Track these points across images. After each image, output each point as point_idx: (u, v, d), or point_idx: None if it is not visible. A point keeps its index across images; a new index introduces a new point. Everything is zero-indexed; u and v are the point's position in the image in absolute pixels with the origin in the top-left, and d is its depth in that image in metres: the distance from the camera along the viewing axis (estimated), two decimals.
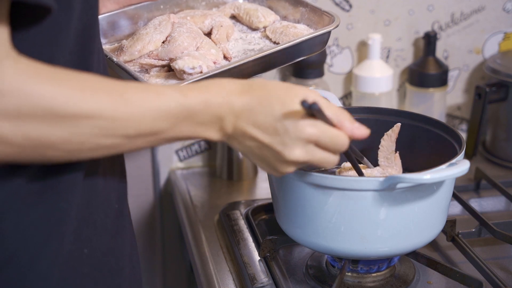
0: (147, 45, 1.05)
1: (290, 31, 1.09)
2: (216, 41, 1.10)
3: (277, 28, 1.11)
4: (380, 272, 1.06)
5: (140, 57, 1.05)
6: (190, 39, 1.05)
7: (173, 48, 1.04)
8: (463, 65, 1.55)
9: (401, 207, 0.94)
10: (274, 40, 1.11)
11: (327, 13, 1.11)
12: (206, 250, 1.19)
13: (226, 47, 1.08)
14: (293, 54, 1.07)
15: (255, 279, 1.06)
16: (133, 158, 1.49)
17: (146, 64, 1.05)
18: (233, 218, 1.24)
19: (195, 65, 0.98)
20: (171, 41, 1.05)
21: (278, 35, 1.10)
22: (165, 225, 1.54)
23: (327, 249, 0.99)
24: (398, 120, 1.12)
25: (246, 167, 1.43)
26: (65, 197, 0.80)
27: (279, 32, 1.10)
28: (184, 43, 1.04)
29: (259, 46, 1.12)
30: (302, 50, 1.07)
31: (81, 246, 0.82)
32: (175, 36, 1.05)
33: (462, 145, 1.00)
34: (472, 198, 1.33)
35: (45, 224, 0.78)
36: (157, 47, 1.05)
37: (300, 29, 1.10)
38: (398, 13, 1.49)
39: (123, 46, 1.06)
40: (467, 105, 1.57)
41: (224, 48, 1.08)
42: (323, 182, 0.94)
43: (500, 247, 1.17)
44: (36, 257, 0.77)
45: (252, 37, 1.14)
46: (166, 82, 1.01)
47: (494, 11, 1.52)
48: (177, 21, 1.09)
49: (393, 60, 1.52)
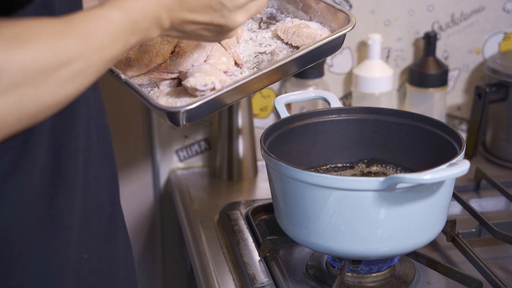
0: (155, 58, 1.01)
1: (303, 31, 1.04)
2: (226, 45, 1.06)
3: (289, 28, 1.07)
4: (380, 272, 1.06)
5: (148, 71, 1.02)
6: (199, 49, 1.02)
7: (182, 60, 1.01)
8: (463, 65, 1.55)
9: (401, 207, 0.94)
10: (286, 41, 1.07)
11: (342, 11, 1.05)
12: (206, 250, 1.19)
13: (237, 52, 1.05)
14: (307, 60, 1.02)
15: (255, 279, 1.06)
16: (133, 158, 1.50)
17: (155, 78, 1.02)
18: (233, 218, 1.24)
19: (207, 82, 0.94)
20: (179, 52, 1.02)
21: (290, 35, 1.06)
22: (165, 225, 1.54)
23: (327, 249, 0.99)
24: (398, 120, 1.12)
25: (246, 167, 1.43)
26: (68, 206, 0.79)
27: (291, 33, 1.06)
28: (194, 55, 1.01)
29: (271, 48, 1.08)
30: (317, 55, 1.02)
31: (81, 251, 0.82)
32: (183, 47, 1.02)
33: (462, 145, 1.00)
34: (472, 198, 1.33)
35: (53, 235, 0.78)
36: (165, 59, 1.02)
37: (313, 28, 1.05)
38: (398, 13, 1.49)
39: (130, 59, 1.02)
40: (467, 105, 1.57)
41: (235, 53, 1.05)
42: (323, 182, 0.94)
43: (500, 247, 1.17)
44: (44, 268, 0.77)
45: (263, 37, 1.10)
46: (178, 99, 0.97)
47: (494, 11, 1.52)
48: None
49: (393, 60, 1.52)
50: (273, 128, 1.09)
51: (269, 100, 1.49)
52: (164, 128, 1.47)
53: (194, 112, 0.94)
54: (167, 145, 1.48)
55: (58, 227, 0.78)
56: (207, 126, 1.49)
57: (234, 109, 1.40)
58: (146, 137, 1.49)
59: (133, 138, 1.49)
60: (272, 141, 1.07)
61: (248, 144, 1.42)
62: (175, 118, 0.93)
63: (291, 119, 1.12)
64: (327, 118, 1.15)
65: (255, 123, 1.45)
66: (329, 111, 1.15)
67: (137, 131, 1.48)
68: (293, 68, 1.01)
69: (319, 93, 1.19)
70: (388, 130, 1.14)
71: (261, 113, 1.50)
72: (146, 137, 1.49)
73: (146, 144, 1.49)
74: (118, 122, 1.47)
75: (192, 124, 1.11)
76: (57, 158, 0.78)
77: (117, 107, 1.46)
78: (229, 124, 1.41)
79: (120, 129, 1.47)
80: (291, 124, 1.12)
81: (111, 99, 1.45)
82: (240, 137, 1.41)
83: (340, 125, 1.15)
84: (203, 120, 1.48)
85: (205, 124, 1.48)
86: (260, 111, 1.50)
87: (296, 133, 1.13)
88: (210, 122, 1.48)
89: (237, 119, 1.40)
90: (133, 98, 1.46)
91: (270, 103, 1.50)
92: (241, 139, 1.42)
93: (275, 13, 1.15)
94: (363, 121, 1.15)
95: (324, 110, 1.15)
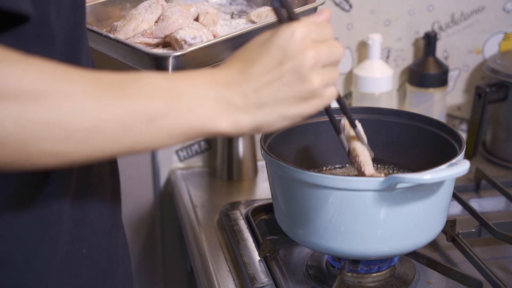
0: (140, 23, 1.04)
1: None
2: (204, 24, 1.09)
3: (262, 12, 1.10)
4: (380, 272, 1.06)
5: (134, 36, 1.04)
6: (183, 17, 1.04)
7: (167, 25, 1.03)
8: (463, 65, 1.55)
9: (401, 207, 0.94)
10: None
11: None
12: (206, 250, 1.19)
13: (215, 30, 1.08)
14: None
15: (255, 279, 1.06)
16: (133, 158, 1.49)
17: (140, 43, 1.03)
18: (233, 218, 1.24)
19: (196, 34, 0.96)
20: (164, 19, 1.04)
21: (263, 18, 1.09)
22: (165, 225, 1.54)
23: (327, 249, 0.99)
24: (398, 120, 1.12)
25: (246, 167, 1.43)
26: (57, 198, 0.79)
27: (265, 15, 1.09)
28: (179, 20, 1.03)
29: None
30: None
31: (79, 246, 0.82)
32: (168, 15, 1.05)
33: (462, 145, 1.00)
34: (472, 198, 1.33)
35: (38, 225, 0.77)
36: (150, 26, 1.04)
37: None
38: (398, 13, 1.49)
39: (116, 26, 1.05)
40: (467, 105, 1.57)
41: (213, 30, 1.07)
42: (323, 182, 0.94)
43: (500, 247, 1.17)
44: (31, 258, 0.77)
45: (237, 23, 1.13)
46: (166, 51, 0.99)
47: (494, 11, 1.52)
48: (165, 4, 1.09)
49: (393, 60, 1.52)
50: None
51: None
52: None
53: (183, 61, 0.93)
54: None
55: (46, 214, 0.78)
56: None
57: None
58: None
59: None
60: (272, 141, 1.07)
61: (248, 144, 1.42)
62: (164, 65, 0.93)
63: None
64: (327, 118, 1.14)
65: None
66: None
67: None
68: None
69: None
70: (388, 130, 1.14)
71: None
72: None
73: None
74: None
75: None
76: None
77: None
78: None
79: None
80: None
81: None
82: (240, 137, 1.41)
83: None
84: None
85: None
86: None
87: (296, 133, 1.13)
88: None
89: None
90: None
91: None
92: (241, 139, 1.42)
93: (245, 9, 1.18)
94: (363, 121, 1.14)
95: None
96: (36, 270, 0.77)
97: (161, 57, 0.93)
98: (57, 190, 0.79)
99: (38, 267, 0.78)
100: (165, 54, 0.93)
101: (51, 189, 0.78)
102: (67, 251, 0.81)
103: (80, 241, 0.82)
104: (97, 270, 0.85)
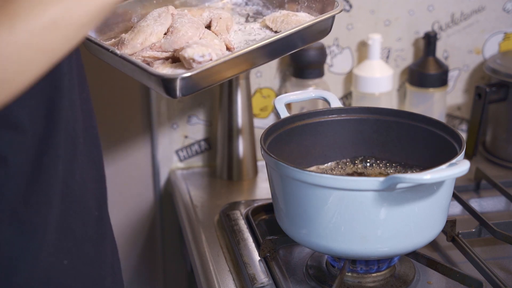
0: (149, 37, 1.01)
1: (291, 19, 1.07)
2: (217, 32, 1.06)
3: (277, 17, 1.09)
4: (380, 272, 1.06)
5: (142, 50, 1.01)
6: (193, 29, 1.01)
7: (177, 38, 1.00)
8: (463, 65, 1.55)
9: (401, 207, 0.94)
10: (275, 29, 1.08)
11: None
12: (206, 250, 1.19)
13: (228, 38, 1.06)
14: (300, 40, 1.04)
15: (255, 279, 1.06)
16: (133, 158, 1.50)
17: (149, 57, 1.01)
18: (233, 218, 1.24)
19: (204, 52, 0.94)
20: (174, 31, 1.02)
21: (279, 24, 1.08)
22: (165, 225, 1.54)
23: (327, 249, 0.99)
24: (398, 120, 1.12)
25: (246, 167, 1.43)
26: (39, 211, 0.78)
27: (280, 21, 1.08)
28: (188, 33, 1.01)
29: (260, 36, 1.09)
30: (307, 36, 1.05)
31: (61, 257, 0.81)
32: (177, 27, 1.02)
33: (462, 145, 1.00)
34: (472, 198, 1.33)
35: (19, 239, 0.77)
36: (159, 39, 1.02)
37: (301, 16, 1.07)
38: (398, 13, 1.49)
39: (123, 39, 1.02)
40: (467, 105, 1.57)
41: (226, 39, 1.05)
42: (323, 182, 0.94)
43: (500, 247, 1.17)
44: (11, 272, 0.76)
45: (251, 27, 1.12)
46: (175, 70, 0.97)
47: (494, 11, 1.52)
48: (176, 13, 1.06)
49: (393, 60, 1.52)
50: (273, 128, 1.09)
51: (269, 100, 1.49)
52: (164, 128, 1.47)
53: (191, 82, 0.92)
54: (167, 145, 1.48)
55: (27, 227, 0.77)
56: (207, 126, 1.49)
57: (234, 109, 1.40)
58: (146, 137, 1.49)
59: (133, 138, 1.49)
60: (272, 141, 1.07)
61: (248, 144, 1.42)
62: (172, 87, 0.91)
63: (291, 119, 1.12)
64: (327, 118, 1.15)
65: (255, 123, 1.45)
66: (329, 111, 1.15)
67: (137, 131, 1.48)
68: (288, 46, 1.03)
69: (319, 93, 1.19)
70: (388, 130, 1.14)
71: (261, 113, 1.50)
72: (146, 137, 1.49)
73: (146, 144, 1.49)
74: (118, 122, 1.47)
75: (191, 96, 1.09)
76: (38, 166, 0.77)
77: (117, 107, 1.46)
78: (229, 124, 1.41)
79: (120, 129, 1.47)
80: (291, 124, 1.12)
81: (111, 99, 1.45)
82: (240, 137, 1.41)
83: (340, 125, 1.15)
84: (203, 120, 1.48)
85: (205, 124, 1.48)
86: (260, 111, 1.50)
87: (296, 133, 1.13)
88: (210, 122, 1.48)
89: (237, 119, 1.40)
90: (133, 97, 1.46)
91: (270, 103, 1.50)
92: (241, 139, 1.42)
93: (261, 10, 1.17)
94: (363, 121, 1.15)
95: (324, 110, 1.15)
96: (18, 284, 0.77)
97: (168, 79, 0.91)
98: (40, 202, 0.78)
99: (20, 280, 0.77)
100: (172, 76, 0.91)
101: (32, 202, 0.77)
102: (50, 263, 0.79)
103: (64, 252, 0.81)
104: (83, 281, 0.84)
